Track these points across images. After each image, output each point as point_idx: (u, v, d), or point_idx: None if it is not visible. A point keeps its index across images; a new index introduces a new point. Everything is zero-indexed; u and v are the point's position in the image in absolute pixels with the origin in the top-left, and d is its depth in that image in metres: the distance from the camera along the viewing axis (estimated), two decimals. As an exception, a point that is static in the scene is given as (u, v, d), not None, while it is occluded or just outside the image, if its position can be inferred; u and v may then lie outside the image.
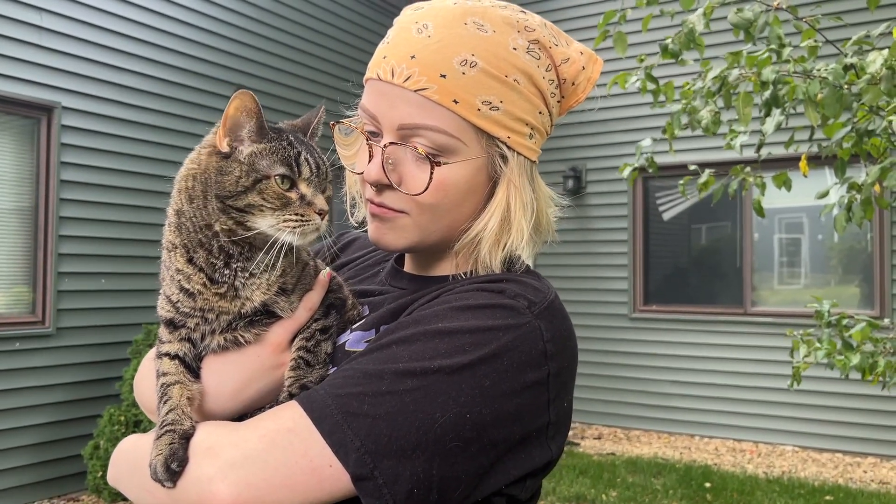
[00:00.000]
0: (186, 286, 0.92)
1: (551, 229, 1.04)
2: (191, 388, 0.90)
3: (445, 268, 1.04)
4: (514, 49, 0.95)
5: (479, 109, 0.93)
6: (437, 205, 0.95)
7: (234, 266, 0.91)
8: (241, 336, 0.94)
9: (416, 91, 0.92)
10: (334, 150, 1.05)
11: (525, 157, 0.98)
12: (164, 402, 0.88)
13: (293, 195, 0.89)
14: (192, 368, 0.93)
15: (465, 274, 1.01)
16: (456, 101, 0.92)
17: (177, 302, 0.92)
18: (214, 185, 0.88)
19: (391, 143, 0.95)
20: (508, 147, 0.96)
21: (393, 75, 0.94)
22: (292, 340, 0.97)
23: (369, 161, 0.96)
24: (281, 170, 0.89)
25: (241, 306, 0.92)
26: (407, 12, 1.00)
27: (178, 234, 0.92)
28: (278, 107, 7.14)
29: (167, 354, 0.93)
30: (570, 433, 7.47)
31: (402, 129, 0.94)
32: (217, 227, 0.89)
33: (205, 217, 0.89)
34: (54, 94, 5.42)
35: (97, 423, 5.33)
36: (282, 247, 0.89)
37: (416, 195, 0.94)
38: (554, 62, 1.00)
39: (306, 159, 0.91)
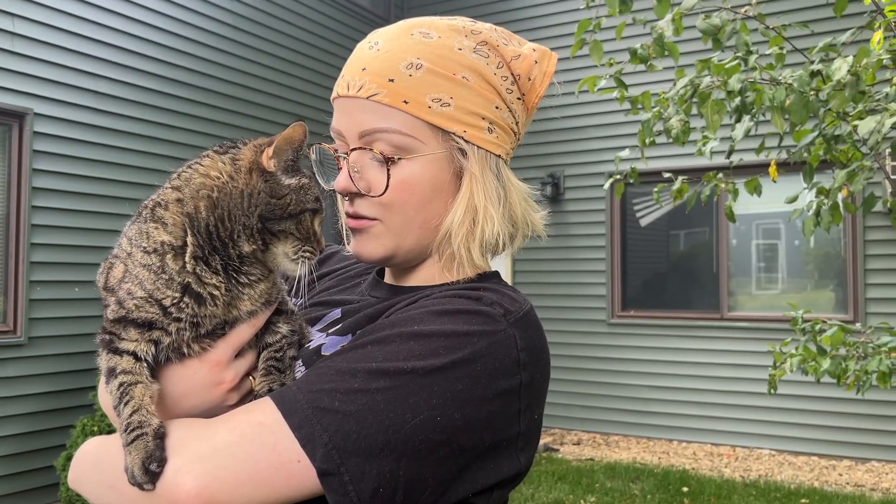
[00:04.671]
0: (198, 289, 0.90)
1: (531, 224, 1.05)
2: (151, 389, 0.88)
3: (425, 275, 1.06)
4: (460, 49, 1.00)
5: (429, 107, 0.97)
6: (404, 205, 0.98)
7: (237, 274, 0.93)
8: (190, 348, 0.92)
9: (367, 98, 0.97)
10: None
11: (487, 150, 1.01)
12: (126, 403, 0.86)
13: (313, 230, 0.95)
14: (152, 369, 0.91)
15: (449, 278, 1.03)
16: (406, 102, 0.96)
17: (171, 306, 0.89)
18: (263, 204, 0.91)
19: (353, 149, 0.99)
20: (466, 141, 0.99)
21: (348, 89, 0.99)
22: (236, 356, 0.96)
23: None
24: (315, 206, 0.95)
25: (226, 314, 0.92)
26: (367, 37, 1.05)
27: (183, 238, 0.90)
28: (257, 114, 7.12)
29: (129, 353, 0.89)
30: (550, 439, 7.48)
31: (362, 137, 0.98)
32: (246, 247, 0.91)
33: (235, 230, 0.90)
34: (26, 100, 5.36)
35: (70, 433, 5.26)
36: (297, 275, 0.94)
37: (379, 196, 0.98)
38: (505, 59, 1.03)
39: (321, 200, 0.97)
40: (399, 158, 0.97)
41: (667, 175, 3.87)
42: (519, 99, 1.05)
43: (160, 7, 6.36)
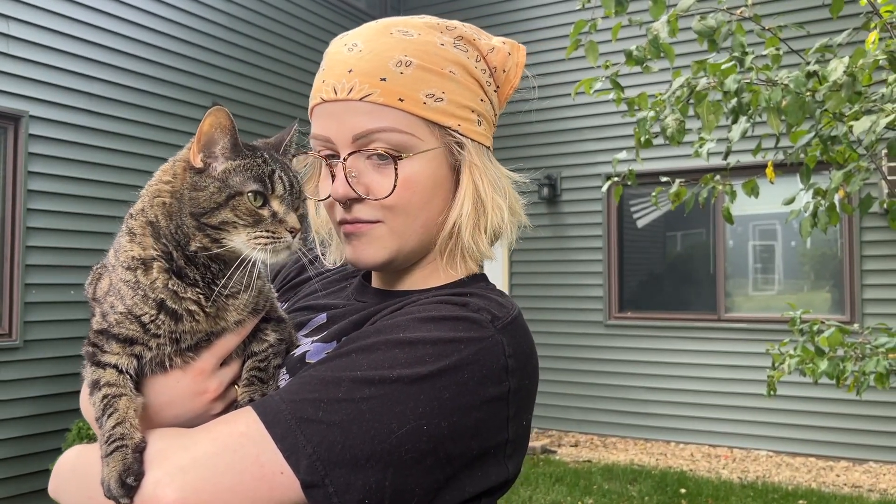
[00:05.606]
0: (173, 305, 0.87)
1: (522, 211, 1.06)
2: (136, 402, 0.87)
3: (415, 278, 1.04)
4: (442, 45, 1.00)
5: (424, 103, 0.96)
6: (407, 204, 0.96)
7: (218, 284, 0.89)
8: (172, 361, 0.90)
9: (361, 99, 0.95)
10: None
11: (479, 142, 1.01)
12: (110, 415, 0.84)
13: (265, 212, 0.87)
14: (136, 383, 0.90)
15: (437, 281, 1.01)
16: (401, 100, 0.95)
17: (149, 322, 0.87)
18: (188, 201, 0.87)
19: (350, 154, 0.96)
20: (461, 134, 0.99)
21: (336, 92, 0.97)
22: (221, 365, 0.94)
23: (333, 182, 0.97)
24: (254, 186, 0.87)
25: (213, 326, 0.90)
26: (335, 42, 1.04)
27: (152, 249, 0.88)
28: (251, 115, 7.10)
29: (112, 366, 0.88)
30: (547, 440, 7.47)
31: (356, 140, 0.96)
32: (193, 246, 0.87)
33: (185, 234, 0.87)
34: (22, 102, 5.35)
35: (65, 436, 5.24)
36: (252, 264, 0.87)
37: (384, 198, 0.95)
38: (481, 52, 1.04)
39: (280, 177, 0.89)
40: (404, 156, 0.95)
41: (664, 179, 3.86)
42: (495, 91, 1.06)
43: (154, 9, 6.34)
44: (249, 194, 0.87)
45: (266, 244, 0.86)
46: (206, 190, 0.87)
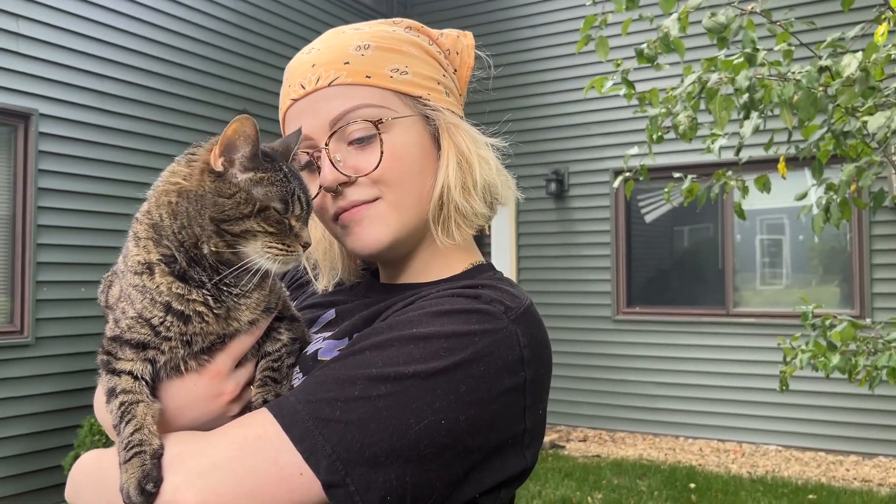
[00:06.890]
0: (180, 307, 0.87)
1: (509, 176, 1.08)
2: (153, 407, 0.87)
3: (420, 266, 1.04)
4: (394, 31, 1.05)
5: (391, 77, 1.00)
6: (399, 175, 0.98)
7: (227, 285, 0.89)
8: (186, 364, 0.90)
9: (329, 84, 0.98)
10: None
11: (452, 111, 1.04)
12: (128, 422, 0.84)
13: (284, 226, 0.89)
14: (151, 388, 0.90)
15: (443, 272, 1.02)
16: (368, 77, 0.99)
17: (159, 325, 0.87)
18: (210, 206, 0.86)
19: (330, 137, 0.98)
20: (433, 103, 1.02)
21: (304, 87, 1.00)
22: (236, 366, 0.93)
23: (320, 175, 0.99)
24: (278, 204, 0.88)
25: (226, 328, 0.90)
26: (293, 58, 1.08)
27: (155, 251, 0.88)
28: (262, 113, 7.11)
29: (127, 372, 0.88)
30: (556, 436, 7.48)
31: (333, 125, 0.98)
32: (206, 249, 0.87)
33: (195, 235, 0.87)
34: (31, 100, 5.37)
35: (77, 433, 5.27)
36: (261, 272, 0.88)
37: (374, 170, 0.97)
38: (432, 37, 1.09)
39: (298, 196, 0.90)
40: (385, 120, 0.97)
41: (677, 175, 3.86)
42: (454, 72, 1.09)
43: (165, 7, 6.35)
44: (274, 209, 0.88)
45: (277, 255, 0.87)
46: (233, 198, 0.87)
